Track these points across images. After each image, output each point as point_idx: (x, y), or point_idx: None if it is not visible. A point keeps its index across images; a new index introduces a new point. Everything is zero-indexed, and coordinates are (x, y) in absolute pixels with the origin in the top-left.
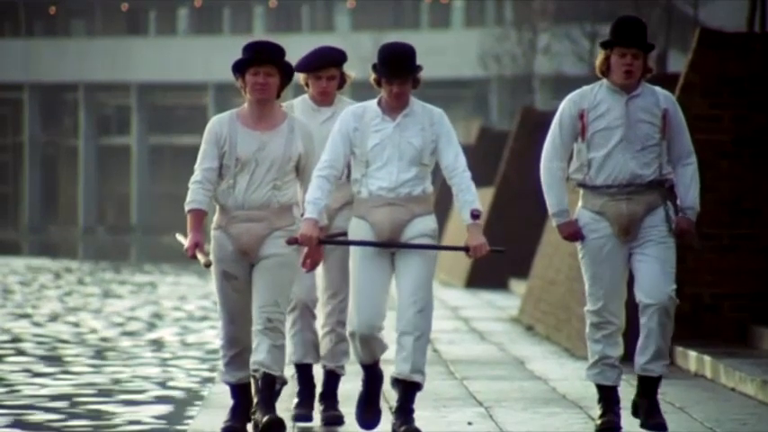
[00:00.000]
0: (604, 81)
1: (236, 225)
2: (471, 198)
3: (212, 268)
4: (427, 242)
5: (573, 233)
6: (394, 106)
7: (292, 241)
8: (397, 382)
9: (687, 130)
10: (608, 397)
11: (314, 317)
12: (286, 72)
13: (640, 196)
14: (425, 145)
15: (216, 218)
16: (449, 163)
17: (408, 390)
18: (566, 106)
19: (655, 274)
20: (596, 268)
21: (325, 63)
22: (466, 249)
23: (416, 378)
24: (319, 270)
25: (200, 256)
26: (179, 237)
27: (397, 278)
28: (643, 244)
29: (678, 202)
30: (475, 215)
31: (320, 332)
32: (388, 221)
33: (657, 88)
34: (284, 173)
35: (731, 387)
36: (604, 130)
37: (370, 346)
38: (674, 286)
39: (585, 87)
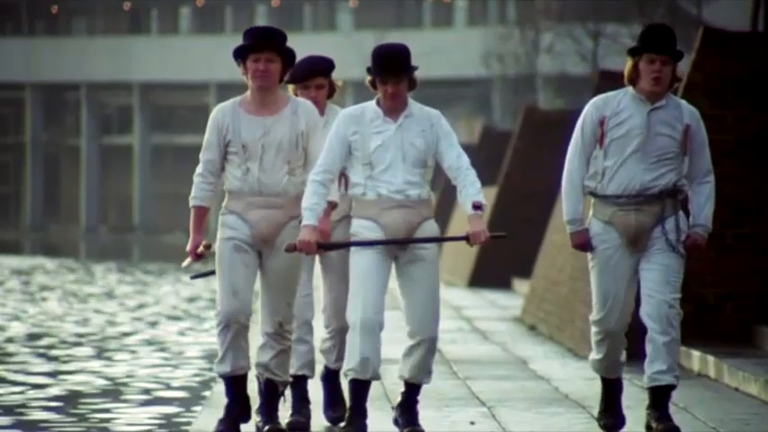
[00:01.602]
0: (629, 89)
1: (255, 211)
2: (474, 191)
3: (219, 247)
4: (433, 252)
5: (583, 243)
6: (392, 107)
7: (291, 248)
8: (405, 382)
9: (707, 150)
10: (611, 387)
11: (312, 330)
12: (287, 58)
13: (650, 207)
14: (428, 146)
15: (227, 202)
16: (452, 163)
17: (415, 389)
18: (588, 111)
19: (656, 284)
20: (603, 279)
21: (312, 73)
22: (466, 238)
23: (426, 381)
24: (318, 281)
25: (200, 249)
26: (185, 264)
27: (406, 287)
28: (650, 252)
29: (690, 218)
30: (476, 206)
31: (323, 335)
32: (402, 223)
33: (684, 102)
34: (295, 157)
35: (734, 387)
36: (621, 139)
37: (372, 340)
38: (677, 295)
39: (610, 93)
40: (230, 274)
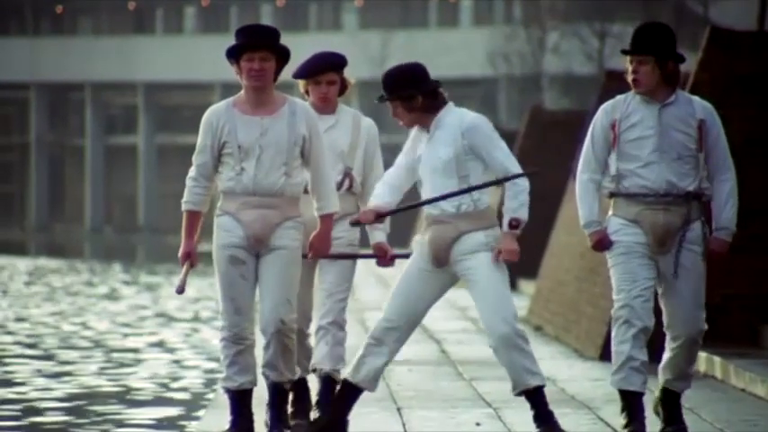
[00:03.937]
0: None
1: (249, 211)
2: (515, 205)
3: (216, 255)
4: (483, 256)
5: (601, 240)
6: (422, 121)
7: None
8: (525, 394)
9: (725, 144)
10: (633, 403)
11: (306, 336)
12: (282, 55)
13: (678, 208)
14: (458, 155)
15: (222, 203)
16: (501, 167)
17: (537, 393)
18: (599, 116)
19: (688, 308)
20: (625, 266)
21: (325, 68)
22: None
23: (535, 381)
24: (315, 282)
25: (181, 281)
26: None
27: (476, 294)
28: (676, 266)
29: (713, 221)
30: (513, 225)
31: (314, 335)
32: (433, 240)
33: (696, 98)
34: (293, 158)
35: (741, 388)
36: (637, 140)
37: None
38: (705, 315)
39: (619, 97)
40: (230, 290)
